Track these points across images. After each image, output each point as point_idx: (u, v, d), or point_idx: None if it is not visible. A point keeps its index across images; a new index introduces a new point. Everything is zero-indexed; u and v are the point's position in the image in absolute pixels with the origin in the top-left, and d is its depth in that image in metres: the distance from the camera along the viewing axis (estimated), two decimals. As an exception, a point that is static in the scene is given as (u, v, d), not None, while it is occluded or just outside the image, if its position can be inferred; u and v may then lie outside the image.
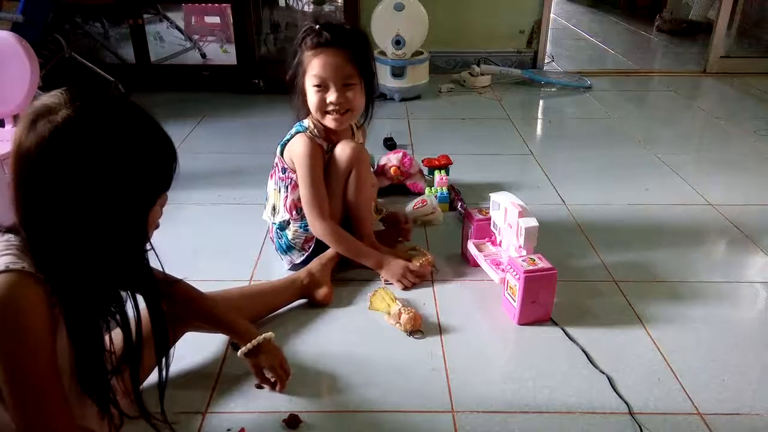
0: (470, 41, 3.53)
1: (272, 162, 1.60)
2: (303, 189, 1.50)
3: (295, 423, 1.11)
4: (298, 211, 1.55)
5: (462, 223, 1.69)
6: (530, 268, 1.35)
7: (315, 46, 1.44)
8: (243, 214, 1.89)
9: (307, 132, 1.51)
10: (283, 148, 1.54)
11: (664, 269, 1.63)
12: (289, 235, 1.57)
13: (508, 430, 1.12)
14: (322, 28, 1.44)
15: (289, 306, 1.45)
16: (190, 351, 1.26)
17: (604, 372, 1.25)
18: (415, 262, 1.56)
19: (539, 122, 2.95)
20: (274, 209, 1.61)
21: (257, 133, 2.61)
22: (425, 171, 2.13)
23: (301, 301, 1.47)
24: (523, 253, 1.42)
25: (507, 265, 1.42)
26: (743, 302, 1.52)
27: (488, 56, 3.52)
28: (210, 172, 2.21)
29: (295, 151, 1.50)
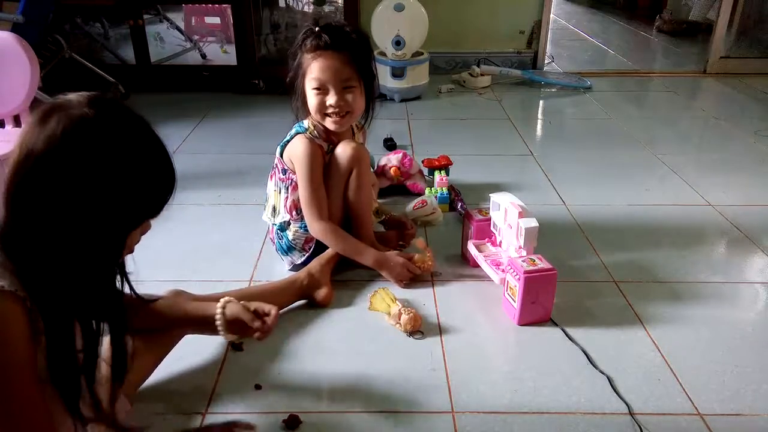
0: (470, 42, 3.53)
1: (272, 162, 1.60)
2: (302, 189, 1.51)
3: (295, 423, 1.11)
4: (299, 212, 1.55)
5: (462, 223, 1.69)
6: (530, 268, 1.35)
7: (314, 48, 1.44)
8: (243, 214, 1.89)
9: (306, 133, 1.51)
10: (283, 149, 1.55)
11: (664, 269, 1.63)
12: (290, 235, 1.57)
13: (508, 430, 1.12)
14: (321, 31, 1.44)
15: (289, 307, 1.45)
16: (190, 351, 1.26)
17: (604, 372, 1.25)
18: (417, 257, 1.56)
19: (539, 123, 2.95)
20: (274, 210, 1.61)
21: (257, 133, 2.61)
22: (425, 171, 2.14)
23: (301, 302, 1.47)
24: (523, 253, 1.42)
25: (507, 265, 1.42)
26: (743, 302, 1.52)
27: (488, 57, 3.52)
28: (210, 173, 2.21)
29: (295, 152, 1.50)
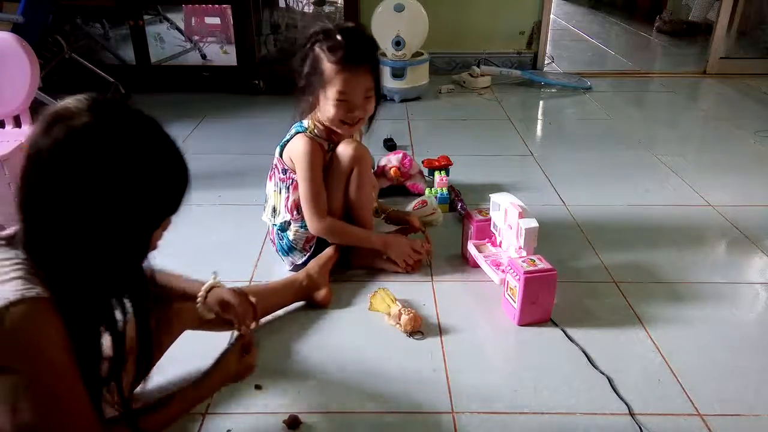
0: (470, 42, 3.54)
1: (272, 163, 1.60)
2: (302, 187, 1.51)
3: (295, 424, 1.11)
4: (299, 211, 1.55)
5: (462, 223, 1.69)
6: (530, 269, 1.35)
7: (339, 61, 1.40)
8: (243, 214, 1.89)
9: (306, 132, 1.51)
10: (283, 149, 1.54)
11: (664, 270, 1.63)
12: (290, 235, 1.57)
13: (508, 430, 1.12)
14: (345, 41, 1.40)
15: (289, 307, 1.45)
16: (190, 352, 1.25)
17: (604, 373, 1.25)
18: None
19: (539, 123, 2.95)
20: (274, 211, 1.61)
21: (257, 133, 2.61)
22: (425, 172, 2.14)
23: (300, 303, 1.47)
24: (523, 253, 1.43)
25: (507, 265, 1.42)
26: (743, 303, 1.52)
27: (488, 57, 3.52)
28: (210, 173, 2.21)
29: (296, 150, 1.50)
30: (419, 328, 1.37)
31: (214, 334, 1.24)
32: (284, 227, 1.58)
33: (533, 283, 1.35)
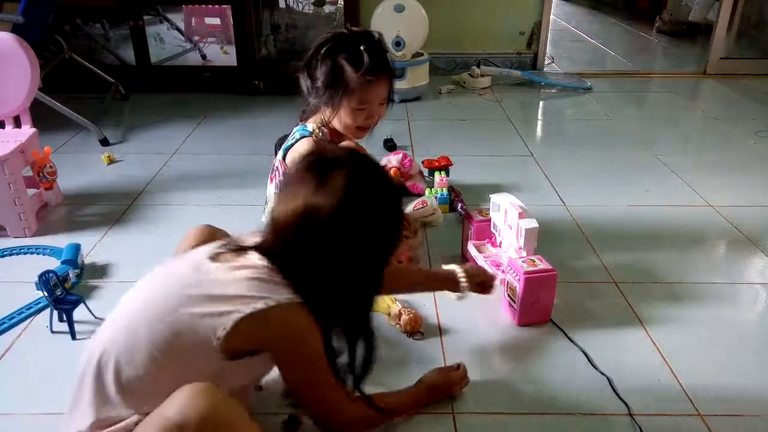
0: (470, 43, 3.54)
1: (272, 164, 1.60)
2: None
3: (295, 423, 1.11)
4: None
5: (462, 224, 1.69)
6: (530, 269, 1.36)
7: (366, 73, 1.40)
8: (243, 215, 1.89)
9: (312, 136, 1.49)
10: (286, 152, 1.53)
11: (664, 270, 1.63)
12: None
13: (508, 431, 1.12)
14: (370, 54, 1.40)
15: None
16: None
17: (604, 373, 1.25)
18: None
19: (539, 123, 2.96)
20: (274, 212, 1.60)
21: (258, 134, 2.61)
22: (425, 172, 2.14)
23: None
24: (523, 254, 1.43)
25: (507, 266, 1.43)
26: (743, 303, 1.53)
27: (488, 57, 3.52)
28: (210, 174, 2.22)
29: (302, 154, 1.48)
30: (419, 328, 1.37)
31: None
32: (285, 229, 1.58)
33: (533, 284, 1.35)
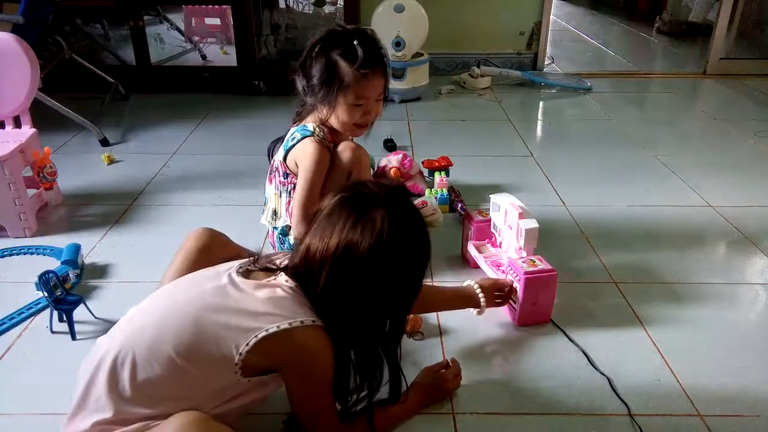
0: (470, 43, 3.54)
1: (272, 165, 1.59)
2: (300, 190, 1.48)
3: (295, 423, 1.10)
4: (301, 215, 1.54)
5: (462, 224, 1.69)
6: (530, 269, 1.36)
7: (359, 67, 1.40)
8: (243, 215, 1.89)
9: (314, 137, 1.48)
10: (287, 153, 1.52)
11: (664, 270, 1.63)
12: (292, 240, 1.56)
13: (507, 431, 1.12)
14: (364, 48, 1.40)
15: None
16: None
17: (604, 373, 1.25)
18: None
19: (539, 124, 2.96)
20: (275, 213, 1.60)
21: (257, 134, 2.61)
22: (425, 172, 2.14)
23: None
24: (523, 254, 1.43)
25: (507, 266, 1.42)
26: (743, 304, 1.53)
27: (488, 58, 3.52)
28: (210, 174, 2.22)
29: (304, 154, 1.47)
30: (419, 328, 1.37)
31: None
32: (285, 231, 1.57)
33: (533, 284, 1.35)
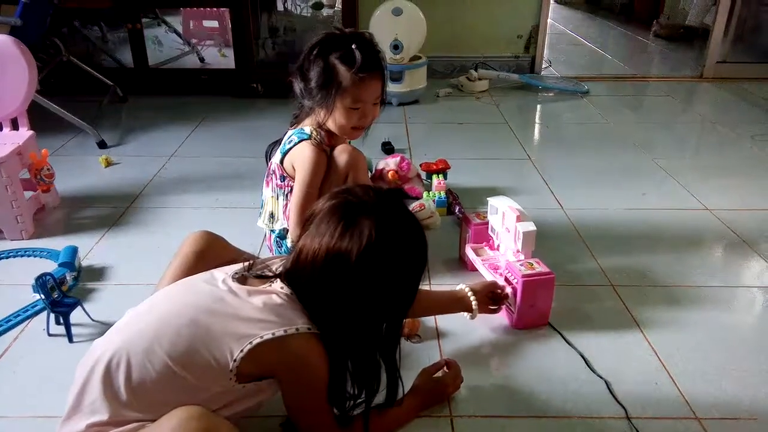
0: (468, 46, 3.54)
1: (269, 168, 1.59)
2: (297, 193, 1.47)
3: (292, 427, 1.10)
4: (298, 218, 1.54)
5: (459, 227, 1.69)
6: (528, 272, 1.36)
7: (358, 70, 1.40)
8: (240, 218, 1.89)
9: (311, 140, 1.48)
10: (284, 156, 1.52)
11: (661, 274, 1.63)
12: (289, 243, 1.56)
13: (505, 434, 1.12)
14: (362, 52, 1.40)
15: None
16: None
17: (601, 377, 1.25)
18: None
19: (537, 127, 2.96)
20: (272, 216, 1.60)
21: (255, 137, 2.60)
22: (423, 175, 2.14)
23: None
24: (521, 257, 1.43)
25: (505, 269, 1.43)
26: (741, 307, 1.53)
27: (486, 61, 3.52)
28: (208, 176, 2.21)
29: (301, 158, 1.47)
30: (417, 331, 1.37)
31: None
32: (283, 234, 1.57)
33: (531, 287, 1.35)
